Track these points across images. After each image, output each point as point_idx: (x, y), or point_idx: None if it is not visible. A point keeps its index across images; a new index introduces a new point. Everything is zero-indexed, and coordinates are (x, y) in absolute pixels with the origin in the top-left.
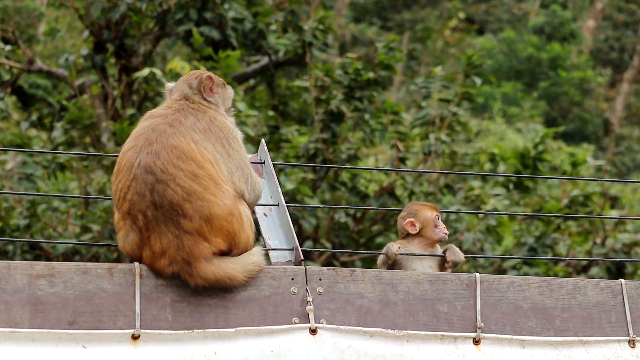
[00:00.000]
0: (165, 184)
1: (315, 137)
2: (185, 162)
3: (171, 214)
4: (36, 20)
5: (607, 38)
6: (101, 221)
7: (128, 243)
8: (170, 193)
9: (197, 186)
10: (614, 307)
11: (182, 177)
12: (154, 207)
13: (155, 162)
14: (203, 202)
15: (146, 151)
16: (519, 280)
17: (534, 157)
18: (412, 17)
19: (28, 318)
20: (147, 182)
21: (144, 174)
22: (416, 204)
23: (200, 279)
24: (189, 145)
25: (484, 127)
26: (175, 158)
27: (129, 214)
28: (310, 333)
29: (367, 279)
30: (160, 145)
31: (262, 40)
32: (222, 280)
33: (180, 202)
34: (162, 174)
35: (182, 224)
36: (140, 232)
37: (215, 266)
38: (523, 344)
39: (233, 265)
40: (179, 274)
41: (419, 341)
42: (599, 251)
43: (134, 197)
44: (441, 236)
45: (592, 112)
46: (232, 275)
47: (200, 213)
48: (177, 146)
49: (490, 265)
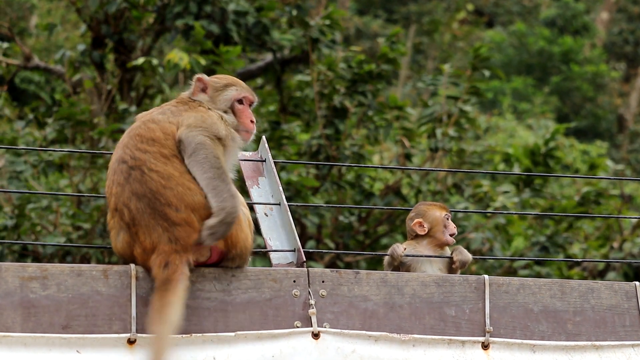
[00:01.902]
0: (139, 169)
1: (318, 133)
2: (149, 143)
3: (155, 203)
4: (28, 13)
5: (621, 31)
6: (92, 220)
7: (119, 242)
8: (147, 179)
9: (172, 170)
10: (628, 310)
11: (152, 161)
12: (136, 197)
13: (125, 151)
14: (183, 188)
15: (120, 147)
16: (530, 283)
17: (544, 154)
18: (418, 9)
19: (20, 322)
20: (123, 171)
21: (119, 165)
22: (425, 203)
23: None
24: (147, 126)
25: (493, 124)
26: (139, 142)
27: (115, 209)
28: (313, 337)
29: (372, 281)
30: (128, 137)
31: (266, 36)
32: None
33: (159, 189)
34: (132, 160)
35: (169, 215)
36: (129, 229)
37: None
38: (534, 349)
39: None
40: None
41: (426, 346)
42: (616, 255)
43: (116, 189)
44: (449, 238)
45: (605, 107)
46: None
47: (185, 202)
48: (139, 133)
49: (500, 266)
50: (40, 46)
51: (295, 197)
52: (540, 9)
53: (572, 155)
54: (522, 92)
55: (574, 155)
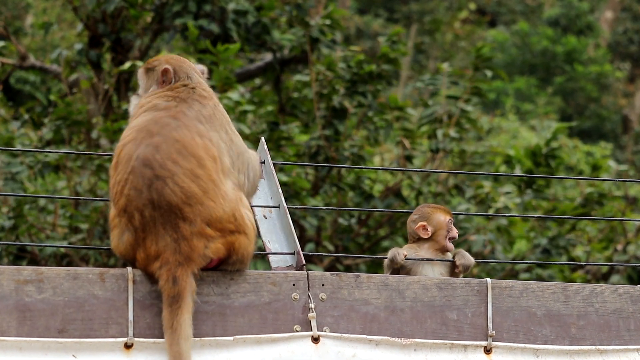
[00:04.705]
0: (163, 180)
1: (317, 134)
2: (186, 159)
3: (170, 216)
4: (23, 12)
5: (626, 30)
6: (91, 221)
7: (122, 243)
8: (169, 193)
9: (196, 188)
10: (633, 314)
11: (181, 176)
12: (152, 206)
13: (154, 155)
14: (202, 206)
15: (146, 143)
16: (533, 286)
17: (546, 154)
18: (420, 8)
19: (15, 326)
20: (145, 176)
21: (141, 167)
22: (429, 206)
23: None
24: (193, 140)
25: (496, 125)
26: (176, 153)
27: (125, 211)
28: (313, 341)
29: (373, 285)
30: (162, 137)
31: (266, 35)
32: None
33: (179, 204)
34: (161, 169)
35: (182, 228)
36: (136, 232)
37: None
38: (537, 353)
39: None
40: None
41: (427, 350)
42: (620, 258)
43: (130, 192)
44: (451, 246)
45: (610, 108)
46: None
47: (201, 217)
48: (179, 139)
49: (502, 268)
50: (36, 46)
51: (292, 199)
52: (544, 8)
53: (576, 157)
54: (525, 92)
55: (578, 157)
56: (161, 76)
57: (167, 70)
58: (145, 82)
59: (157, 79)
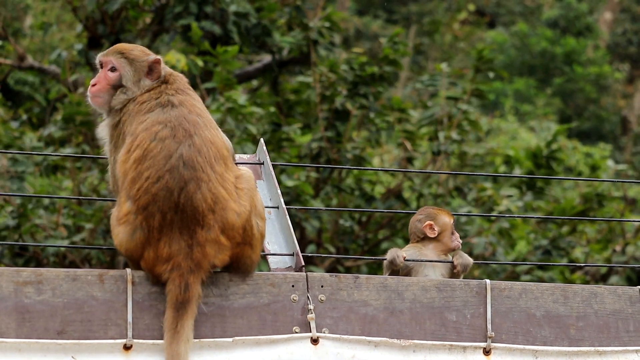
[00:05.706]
0: (197, 184)
1: (319, 135)
2: (218, 163)
3: (190, 221)
4: (22, 13)
5: (625, 31)
6: (95, 220)
7: (132, 240)
8: (199, 198)
9: (224, 192)
10: (632, 315)
11: (214, 182)
12: (175, 209)
13: (197, 158)
14: (225, 211)
15: (188, 143)
16: (532, 287)
17: (546, 156)
18: (419, 9)
19: (14, 327)
20: (183, 177)
21: (183, 168)
22: (433, 208)
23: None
24: (220, 140)
25: (495, 126)
26: (213, 158)
27: (145, 209)
28: (312, 343)
29: (372, 286)
30: (200, 139)
31: (267, 37)
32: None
33: (205, 210)
34: (202, 173)
35: (198, 234)
36: (151, 232)
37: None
38: (536, 355)
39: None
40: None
41: (426, 351)
42: (618, 259)
43: (160, 191)
44: (456, 244)
45: (609, 109)
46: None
47: (220, 223)
48: (214, 142)
49: (503, 270)
50: (35, 47)
51: (295, 202)
52: (543, 9)
53: (575, 158)
54: (525, 93)
55: (577, 158)
56: (156, 68)
57: (159, 61)
58: (132, 74)
59: (145, 70)
